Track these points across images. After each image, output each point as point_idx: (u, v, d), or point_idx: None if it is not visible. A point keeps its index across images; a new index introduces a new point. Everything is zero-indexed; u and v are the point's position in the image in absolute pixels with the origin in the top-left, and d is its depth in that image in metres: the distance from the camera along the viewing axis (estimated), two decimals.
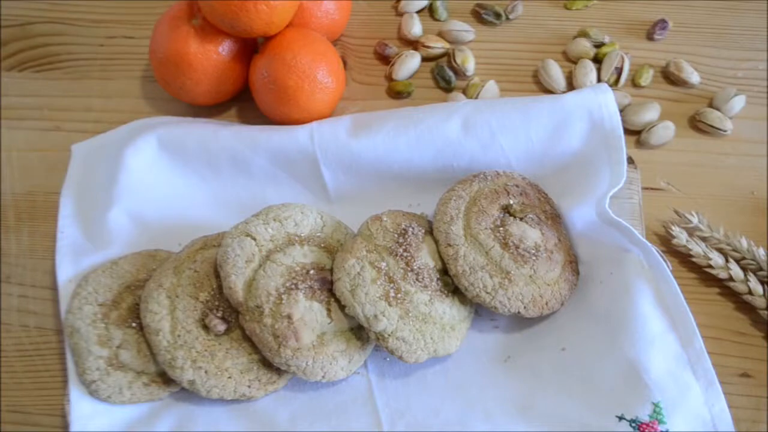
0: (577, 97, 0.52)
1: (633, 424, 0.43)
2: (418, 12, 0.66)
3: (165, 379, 0.47)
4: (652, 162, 0.57)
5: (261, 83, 0.55)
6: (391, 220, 0.48)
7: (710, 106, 0.59)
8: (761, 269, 0.50)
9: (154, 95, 0.62)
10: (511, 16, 0.65)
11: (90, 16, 0.67)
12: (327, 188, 0.54)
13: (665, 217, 0.54)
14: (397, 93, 0.61)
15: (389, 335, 0.44)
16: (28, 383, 0.51)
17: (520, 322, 0.50)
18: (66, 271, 0.51)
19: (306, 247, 0.47)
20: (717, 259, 0.50)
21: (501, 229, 0.48)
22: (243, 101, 0.61)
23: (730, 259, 0.50)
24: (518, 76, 0.62)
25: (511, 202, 0.49)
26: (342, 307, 0.45)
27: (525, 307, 0.46)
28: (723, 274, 0.50)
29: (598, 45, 0.62)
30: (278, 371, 0.47)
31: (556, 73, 0.60)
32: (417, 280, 0.46)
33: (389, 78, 0.62)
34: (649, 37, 0.63)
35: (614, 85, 0.60)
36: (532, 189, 0.51)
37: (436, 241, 0.48)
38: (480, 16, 0.65)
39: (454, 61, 0.61)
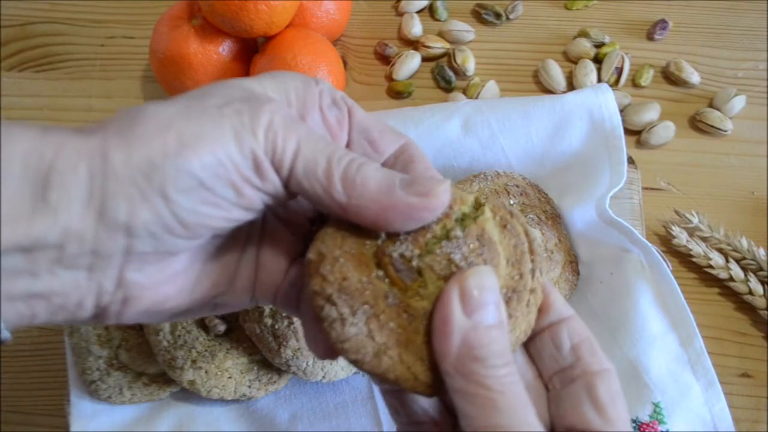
0: (577, 97, 0.52)
1: (633, 424, 0.43)
2: (418, 12, 0.66)
3: (165, 379, 0.47)
4: (652, 162, 0.57)
5: None
6: None
7: (710, 106, 0.59)
8: (761, 269, 0.50)
9: (154, 95, 0.62)
10: (511, 16, 0.65)
11: (90, 16, 0.67)
12: None
13: (665, 217, 0.54)
14: (397, 93, 0.61)
15: None
16: (28, 383, 0.51)
17: None
18: None
19: None
20: (717, 259, 0.50)
21: None
22: None
23: (731, 259, 0.50)
24: (518, 76, 0.62)
25: (512, 202, 0.49)
26: None
27: None
28: (723, 274, 0.50)
29: (599, 45, 0.62)
30: (278, 371, 0.47)
31: (556, 73, 0.60)
32: None
33: (389, 78, 0.62)
34: (649, 37, 0.63)
35: (614, 85, 0.60)
36: (533, 189, 0.51)
37: None
38: (480, 16, 0.65)
39: (455, 61, 0.61)
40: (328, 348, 0.26)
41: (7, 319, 0.23)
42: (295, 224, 0.29)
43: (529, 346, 0.27)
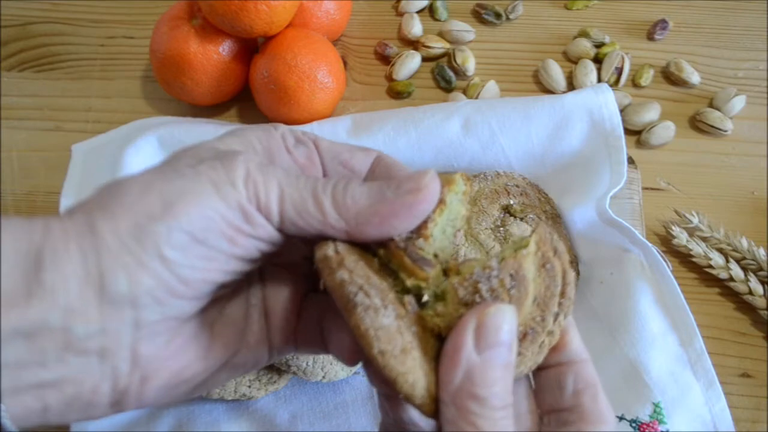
0: (577, 97, 0.52)
1: (633, 424, 0.43)
2: (418, 12, 0.66)
3: None
4: (652, 162, 0.57)
5: (261, 83, 0.55)
6: None
7: (710, 106, 0.59)
8: (761, 269, 0.50)
9: (154, 95, 0.62)
10: (511, 16, 0.65)
11: (90, 16, 0.67)
12: None
13: (665, 217, 0.54)
14: (397, 93, 0.61)
15: None
16: None
17: None
18: None
19: None
20: (717, 259, 0.50)
21: (501, 229, 0.48)
22: (243, 101, 0.61)
23: (731, 259, 0.50)
24: (518, 76, 0.62)
25: (512, 202, 0.49)
26: None
27: None
28: (723, 275, 0.50)
29: (599, 45, 0.62)
30: (278, 371, 0.47)
31: (556, 73, 0.60)
32: None
33: (389, 78, 0.62)
34: (650, 37, 0.63)
35: (614, 85, 0.60)
36: (533, 189, 0.51)
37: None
38: (480, 16, 0.65)
39: (455, 61, 0.61)
40: (353, 345, 0.26)
41: (14, 414, 0.22)
42: (293, 265, 0.29)
43: (535, 376, 0.27)
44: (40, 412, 0.22)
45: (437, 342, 0.24)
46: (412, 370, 0.23)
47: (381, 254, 0.26)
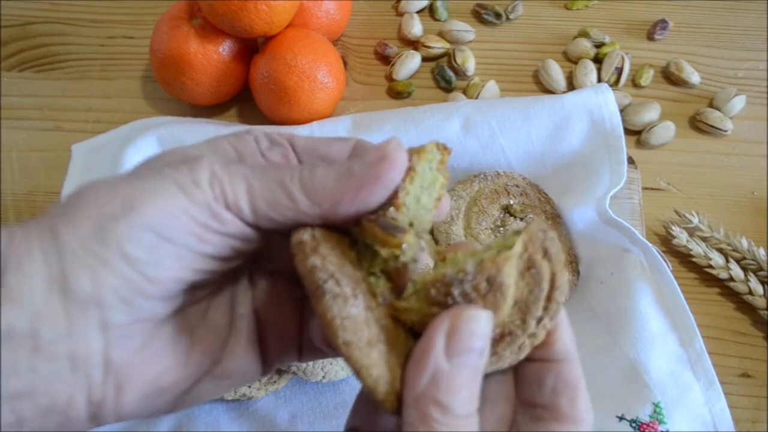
0: (577, 97, 0.52)
1: (633, 424, 0.43)
2: (418, 12, 0.66)
3: None
4: (652, 162, 0.57)
5: (261, 83, 0.55)
6: None
7: (710, 106, 0.59)
8: (761, 269, 0.50)
9: (154, 95, 0.62)
10: (511, 16, 0.65)
11: (90, 16, 0.67)
12: None
13: (665, 217, 0.54)
14: (398, 93, 0.61)
15: None
16: None
17: None
18: None
19: None
20: (717, 259, 0.50)
21: (501, 229, 0.48)
22: (243, 101, 0.61)
23: (731, 259, 0.50)
24: (518, 76, 0.62)
25: (512, 202, 0.49)
26: None
27: None
28: (723, 275, 0.50)
29: (599, 45, 0.62)
30: (278, 371, 0.47)
31: (556, 73, 0.60)
32: None
33: (389, 78, 0.62)
34: (650, 37, 0.63)
35: (614, 85, 0.60)
36: (533, 189, 0.51)
37: (436, 242, 0.48)
38: (480, 16, 0.65)
39: (455, 61, 0.61)
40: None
41: None
42: (284, 272, 0.28)
43: (518, 365, 0.26)
44: (15, 424, 0.22)
45: (409, 337, 0.24)
46: (376, 364, 0.22)
47: (355, 232, 0.25)
